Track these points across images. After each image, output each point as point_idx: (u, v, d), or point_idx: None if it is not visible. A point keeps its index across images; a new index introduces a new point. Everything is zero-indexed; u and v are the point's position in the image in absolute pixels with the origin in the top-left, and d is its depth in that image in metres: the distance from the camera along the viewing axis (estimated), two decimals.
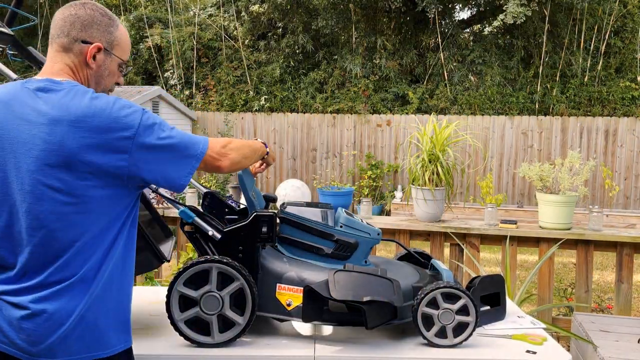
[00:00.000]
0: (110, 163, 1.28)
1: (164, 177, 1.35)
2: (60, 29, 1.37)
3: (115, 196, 1.32)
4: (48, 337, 1.26)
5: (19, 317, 1.26)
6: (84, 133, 1.25)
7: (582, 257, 3.51)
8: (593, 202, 9.87)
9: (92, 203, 1.29)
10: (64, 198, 1.26)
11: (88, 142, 1.26)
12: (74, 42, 1.37)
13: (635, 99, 10.28)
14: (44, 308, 1.26)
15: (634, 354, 2.48)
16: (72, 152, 1.25)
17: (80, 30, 1.37)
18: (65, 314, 1.27)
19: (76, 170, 1.26)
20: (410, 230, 3.73)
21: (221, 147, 1.45)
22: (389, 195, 10.22)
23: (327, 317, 1.74)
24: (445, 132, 3.62)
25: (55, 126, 1.25)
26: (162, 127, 1.34)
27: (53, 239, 1.27)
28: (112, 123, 1.27)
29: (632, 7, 10.89)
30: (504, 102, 10.64)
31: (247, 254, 1.73)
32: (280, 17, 11.96)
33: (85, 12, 1.38)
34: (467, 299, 1.73)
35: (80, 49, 1.37)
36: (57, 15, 1.39)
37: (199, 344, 1.68)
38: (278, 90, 11.48)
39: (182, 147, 1.36)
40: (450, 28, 11.57)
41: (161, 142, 1.32)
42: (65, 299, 1.28)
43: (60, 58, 1.38)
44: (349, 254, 1.83)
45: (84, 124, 1.26)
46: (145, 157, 1.31)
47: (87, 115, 1.26)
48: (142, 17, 12.64)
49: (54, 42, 1.38)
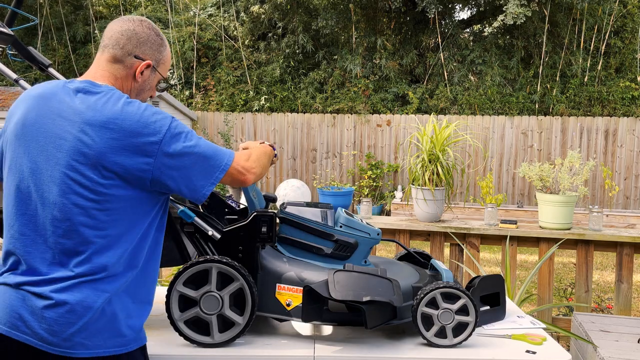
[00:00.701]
0: (135, 166, 1.33)
1: (186, 185, 1.39)
2: (116, 41, 1.45)
3: (138, 199, 1.37)
4: (68, 327, 1.30)
5: (42, 307, 1.30)
6: (113, 134, 1.31)
7: (582, 257, 3.51)
8: (593, 202, 9.87)
9: (115, 202, 1.33)
10: (88, 194, 1.31)
11: (116, 144, 1.31)
12: (127, 55, 1.45)
13: (635, 99, 10.29)
14: (66, 299, 1.30)
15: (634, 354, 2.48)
16: (100, 152, 1.31)
17: (135, 46, 1.46)
18: (86, 306, 1.31)
19: (102, 169, 1.31)
20: (410, 230, 3.73)
21: (245, 161, 1.49)
22: (389, 195, 10.22)
23: (327, 317, 1.74)
24: (445, 132, 3.62)
25: (87, 126, 1.32)
26: (190, 135, 1.39)
27: (76, 233, 1.32)
28: (141, 127, 1.33)
29: (632, 7, 10.90)
30: (504, 102, 10.64)
31: (247, 254, 1.73)
32: (280, 17, 11.96)
33: (142, 30, 1.48)
34: (467, 299, 1.73)
35: (132, 63, 1.46)
36: (115, 27, 1.47)
37: (199, 344, 1.68)
38: (278, 90, 11.48)
39: (207, 157, 1.40)
40: (450, 28, 11.57)
41: (187, 149, 1.37)
42: (87, 292, 1.31)
43: (109, 67, 1.45)
44: (349, 254, 1.83)
45: (114, 125, 1.31)
46: (170, 164, 1.35)
47: (118, 118, 1.32)
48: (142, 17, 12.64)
49: (107, 51, 1.45)
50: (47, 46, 12.51)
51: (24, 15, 2.10)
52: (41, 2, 12.28)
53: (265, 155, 1.64)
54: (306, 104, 11.32)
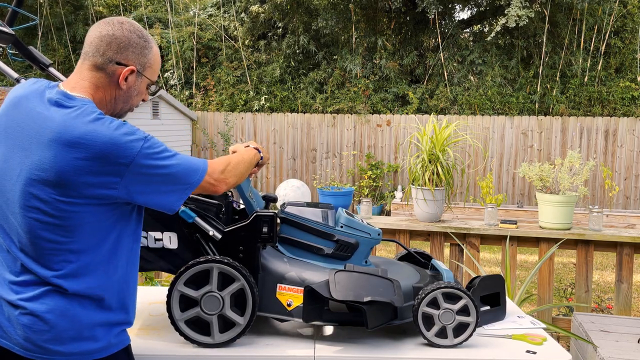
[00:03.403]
0: (101, 186, 1.27)
1: (154, 202, 1.34)
2: (96, 48, 1.36)
3: (105, 215, 1.32)
4: (42, 335, 1.28)
5: (17, 314, 1.29)
6: (79, 155, 1.24)
7: (582, 257, 3.51)
8: (593, 202, 9.87)
9: (78, 219, 1.28)
10: (48, 210, 1.26)
11: (81, 165, 1.24)
12: (109, 62, 1.36)
13: (635, 99, 10.29)
14: (37, 308, 1.28)
15: (634, 354, 2.48)
16: (62, 171, 1.24)
17: (116, 52, 1.36)
18: (58, 315, 1.29)
19: (64, 188, 1.25)
20: (410, 230, 3.73)
21: (220, 172, 1.44)
22: (389, 196, 10.22)
23: (328, 317, 1.74)
24: (445, 132, 3.62)
25: (52, 143, 1.25)
26: (161, 155, 1.32)
27: (40, 246, 1.29)
28: (111, 148, 1.25)
29: (632, 7, 10.90)
30: (504, 102, 10.64)
31: (248, 254, 1.73)
32: (280, 17, 11.96)
33: (122, 33, 1.37)
34: (468, 300, 1.73)
35: (114, 70, 1.37)
36: (94, 33, 1.38)
37: (199, 344, 1.68)
38: (278, 90, 11.48)
39: (179, 175, 1.35)
40: (450, 28, 11.58)
41: (157, 170, 1.31)
42: (58, 301, 1.29)
43: (90, 76, 1.37)
44: (350, 254, 1.83)
45: (80, 146, 1.24)
46: (138, 183, 1.30)
47: (85, 138, 1.25)
48: (142, 17, 12.64)
49: (87, 59, 1.37)
50: (47, 46, 12.51)
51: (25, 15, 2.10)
52: (41, 2, 12.28)
53: (244, 162, 1.58)
54: (306, 104, 11.32)
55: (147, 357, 1.66)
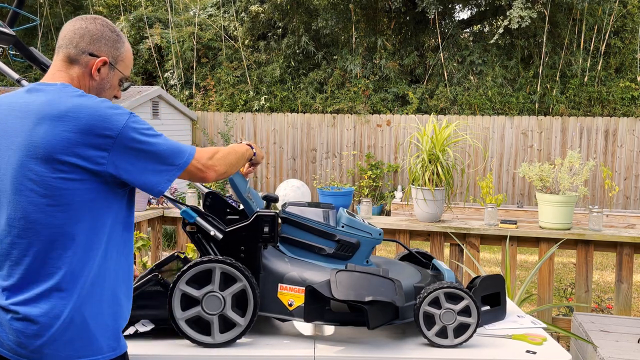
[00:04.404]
0: (89, 160, 1.28)
1: (141, 180, 1.34)
2: (69, 40, 1.40)
3: (96, 193, 1.31)
4: (36, 340, 1.25)
5: (9, 319, 1.27)
6: (66, 127, 1.26)
7: (582, 257, 3.51)
8: (593, 202, 9.87)
9: (69, 198, 1.28)
10: (40, 189, 1.27)
11: (69, 137, 1.26)
12: (82, 53, 1.40)
13: (635, 99, 10.29)
14: (31, 311, 1.26)
15: (634, 354, 2.49)
16: (52, 147, 1.26)
17: (89, 43, 1.41)
18: (52, 317, 1.26)
19: (55, 163, 1.26)
20: (410, 230, 3.73)
21: (208, 159, 1.45)
22: (389, 196, 10.23)
23: (329, 317, 1.75)
24: (445, 132, 3.62)
25: (39, 121, 1.28)
26: (148, 132, 1.34)
27: (34, 232, 1.27)
28: (97, 120, 1.28)
29: (632, 7, 10.90)
30: (503, 102, 10.64)
31: (249, 254, 1.74)
32: (280, 17, 11.96)
33: (95, 27, 1.42)
34: (470, 300, 1.74)
35: (87, 61, 1.41)
36: (67, 27, 1.42)
37: (199, 344, 1.69)
38: (278, 90, 11.48)
39: (165, 154, 1.36)
40: (450, 28, 11.58)
41: (143, 146, 1.32)
42: (53, 302, 1.27)
43: (64, 67, 1.41)
44: (351, 254, 1.84)
45: (67, 119, 1.27)
46: (125, 158, 1.31)
47: (72, 111, 1.28)
48: (142, 17, 12.64)
49: (61, 52, 1.41)
50: (47, 46, 12.50)
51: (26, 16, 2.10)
52: (41, 2, 12.28)
53: (235, 153, 1.59)
54: (306, 104, 11.32)
55: (147, 357, 1.66)
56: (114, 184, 1.34)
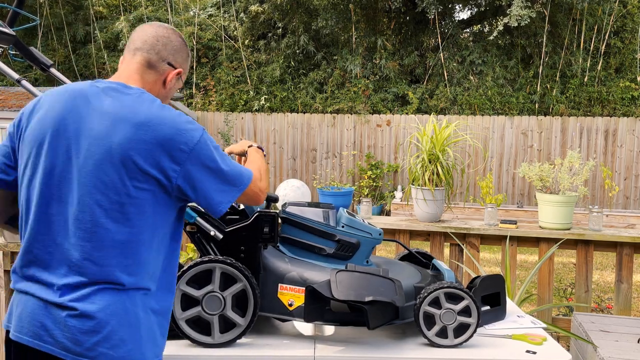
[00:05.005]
0: (162, 170, 1.31)
1: (205, 198, 1.37)
2: (151, 46, 1.44)
3: (160, 204, 1.34)
4: (92, 336, 1.26)
5: (65, 316, 1.27)
6: (146, 136, 1.29)
7: (582, 257, 3.51)
8: (593, 202, 9.87)
9: (137, 206, 1.30)
10: (112, 195, 1.29)
11: (147, 146, 1.29)
12: (162, 61, 1.45)
13: (635, 99, 10.29)
14: (89, 307, 1.26)
15: (634, 354, 2.49)
16: (129, 152, 1.28)
17: (170, 53, 1.46)
18: (109, 314, 1.27)
19: (129, 170, 1.29)
20: (410, 230, 3.73)
21: (259, 181, 1.48)
22: (389, 195, 10.23)
23: (329, 317, 1.75)
24: (445, 132, 3.62)
25: (119, 124, 1.30)
26: (218, 151, 1.39)
27: (97, 235, 1.28)
28: (175, 133, 1.32)
29: (632, 7, 10.90)
30: (503, 102, 10.64)
31: (249, 254, 1.74)
32: (280, 17, 11.96)
33: (176, 38, 1.49)
34: (470, 301, 1.74)
35: (164, 70, 1.46)
36: (149, 31, 1.46)
37: (199, 344, 1.69)
38: (278, 90, 11.48)
39: (230, 175, 1.39)
40: (450, 28, 11.58)
41: (212, 164, 1.36)
42: (109, 299, 1.28)
43: (141, 70, 1.44)
44: (351, 254, 1.84)
45: (148, 128, 1.30)
46: (194, 175, 1.34)
47: (153, 121, 1.31)
48: (142, 17, 12.64)
49: (139, 55, 1.44)
50: (47, 46, 12.50)
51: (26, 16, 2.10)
52: (41, 2, 12.28)
53: (265, 168, 1.62)
54: (306, 104, 11.32)
55: None
56: (176, 197, 1.37)
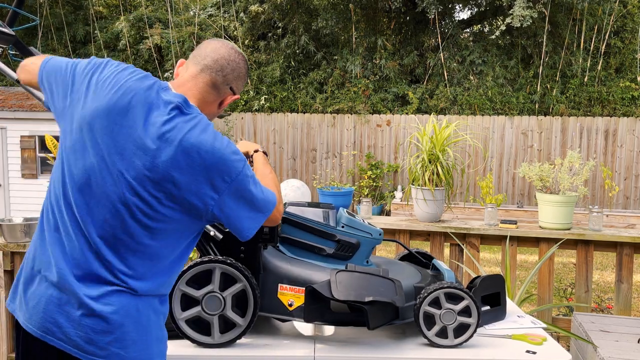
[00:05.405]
0: (200, 196, 1.31)
1: (235, 225, 1.38)
2: (221, 67, 1.45)
3: (187, 224, 1.35)
4: (105, 336, 1.27)
5: (80, 314, 1.27)
6: (193, 161, 1.29)
7: (582, 257, 3.51)
8: (593, 202, 9.87)
9: (166, 223, 1.31)
10: (144, 207, 1.29)
11: (191, 170, 1.29)
12: (225, 85, 1.46)
13: (635, 99, 10.29)
14: (104, 308, 1.27)
15: (634, 354, 2.49)
16: (170, 173, 1.28)
17: (235, 79, 1.48)
18: (123, 315, 1.29)
19: (165, 190, 1.29)
20: (410, 230, 3.73)
21: (280, 204, 1.48)
22: (389, 196, 10.23)
23: (329, 317, 1.74)
24: (445, 132, 3.62)
25: (168, 143, 1.29)
26: (254, 181, 1.39)
27: (120, 241, 1.29)
28: (220, 163, 1.32)
29: (632, 7, 10.90)
30: (503, 102, 10.65)
31: (249, 254, 1.74)
32: (280, 17, 11.96)
33: (244, 66, 1.51)
34: (470, 301, 1.74)
35: (225, 93, 1.48)
36: (222, 52, 1.46)
37: (199, 344, 1.69)
38: (278, 90, 11.48)
39: (260, 203, 1.40)
40: (450, 28, 11.58)
41: (247, 194, 1.37)
42: (124, 301, 1.29)
43: (204, 89, 1.43)
44: (351, 254, 1.84)
45: (195, 153, 1.29)
46: (231, 204, 1.35)
47: (201, 147, 1.30)
48: (142, 17, 12.64)
49: (208, 74, 1.44)
50: (47, 46, 12.50)
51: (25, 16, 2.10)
52: (41, 2, 12.27)
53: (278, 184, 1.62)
54: (306, 104, 11.32)
55: None
56: (207, 220, 1.38)
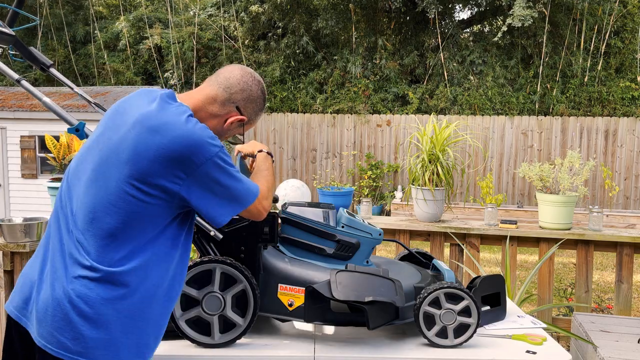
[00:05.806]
0: (167, 178, 1.30)
1: (207, 209, 1.36)
2: (230, 85, 1.47)
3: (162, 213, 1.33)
4: (55, 321, 1.26)
5: (40, 297, 1.29)
6: (160, 140, 1.29)
7: (582, 257, 3.51)
8: (593, 202, 9.87)
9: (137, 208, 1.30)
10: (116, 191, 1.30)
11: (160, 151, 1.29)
12: (230, 103, 1.47)
13: (635, 99, 10.29)
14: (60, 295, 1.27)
15: (634, 354, 2.49)
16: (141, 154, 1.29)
17: (243, 100, 1.49)
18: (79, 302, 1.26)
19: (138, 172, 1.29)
20: (410, 230, 3.73)
21: (265, 200, 1.47)
22: (389, 196, 10.23)
23: (329, 317, 1.75)
24: (445, 132, 3.62)
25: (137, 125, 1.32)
26: (230, 169, 1.37)
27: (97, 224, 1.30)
28: (191, 143, 1.31)
29: (632, 7, 10.90)
30: (504, 102, 10.64)
31: (249, 255, 1.74)
32: (280, 17, 11.96)
33: (256, 91, 1.52)
34: (470, 301, 1.74)
35: (229, 110, 1.48)
36: (236, 73, 1.49)
37: (199, 344, 1.69)
38: (278, 90, 11.48)
39: (236, 193, 1.38)
40: (450, 28, 11.58)
41: (221, 180, 1.35)
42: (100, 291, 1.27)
43: (207, 100, 1.46)
44: (351, 254, 1.84)
45: (163, 132, 1.30)
46: (200, 186, 1.33)
47: (170, 126, 1.31)
48: (142, 17, 12.64)
49: (214, 87, 1.47)
50: (47, 46, 12.50)
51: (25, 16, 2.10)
52: (41, 2, 12.27)
53: (272, 175, 1.62)
54: (306, 104, 11.32)
55: None
56: (177, 205, 1.35)
